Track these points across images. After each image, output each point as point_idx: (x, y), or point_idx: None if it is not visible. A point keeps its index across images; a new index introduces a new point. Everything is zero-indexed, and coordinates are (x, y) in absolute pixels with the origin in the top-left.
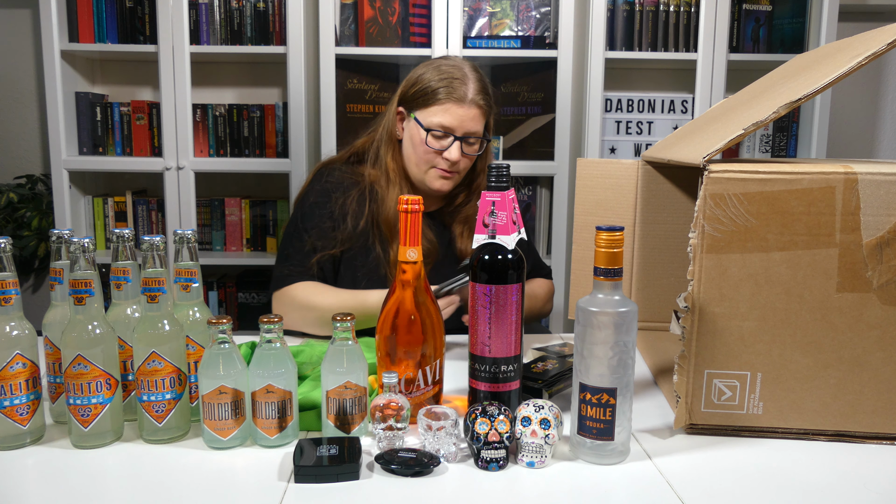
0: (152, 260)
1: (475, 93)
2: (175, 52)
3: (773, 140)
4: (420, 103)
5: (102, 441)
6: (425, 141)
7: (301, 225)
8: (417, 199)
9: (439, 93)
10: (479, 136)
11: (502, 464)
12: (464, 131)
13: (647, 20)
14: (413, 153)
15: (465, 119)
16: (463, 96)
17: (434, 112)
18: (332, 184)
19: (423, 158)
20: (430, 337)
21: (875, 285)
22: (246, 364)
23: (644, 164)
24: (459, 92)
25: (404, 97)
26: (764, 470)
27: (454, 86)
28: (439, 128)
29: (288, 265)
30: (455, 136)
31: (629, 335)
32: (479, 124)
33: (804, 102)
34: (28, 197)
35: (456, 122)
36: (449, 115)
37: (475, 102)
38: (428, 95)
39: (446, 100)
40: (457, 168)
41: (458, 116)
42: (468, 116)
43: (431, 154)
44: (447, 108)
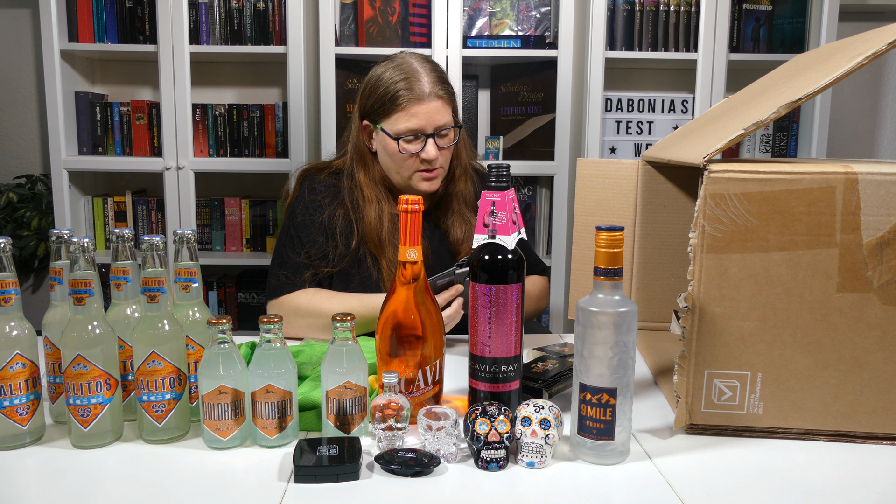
0: (152, 260)
1: (432, 84)
2: (175, 52)
3: (774, 140)
4: (382, 113)
5: (102, 441)
6: (399, 149)
7: (295, 234)
8: (417, 199)
9: (398, 98)
10: (449, 125)
11: (502, 464)
12: (433, 127)
13: (648, 20)
14: (392, 163)
15: (431, 114)
16: (421, 93)
17: (399, 119)
18: (319, 194)
19: (402, 165)
20: (430, 337)
21: (875, 285)
22: (246, 364)
23: (644, 164)
24: (416, 90)
25: (364, 110)
26: (764, 470)
27: (410, 85)
28: (408, 132)
29: (284, 272)
30: (426, 135)
31: (629, 335)
32: (446, 114)
33: (804, 102)
34: (28, 197)
35: (423, 121)
36: (414, 118)
37: (434, 94)
38: (387, 104)
39: (407, 103)
40: (437, 164)
41: (423, 115)
42: (433, 110)
43: (410, 159)
44: (410, 110)
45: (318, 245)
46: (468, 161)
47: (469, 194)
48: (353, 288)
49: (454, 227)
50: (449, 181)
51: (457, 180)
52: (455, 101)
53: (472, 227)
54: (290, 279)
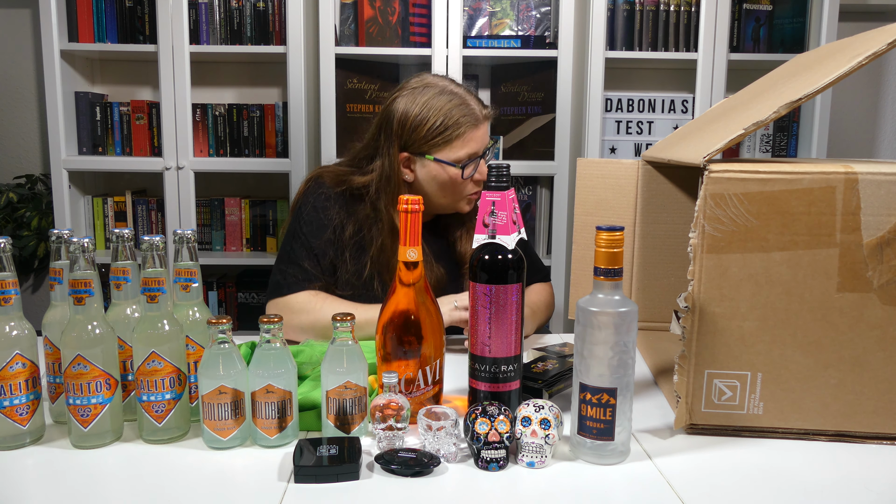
0: (152, 260)
1: (480, 106)
2: (175, 52)
3: (774, 140)
4: (439, 143)
5: (102, 441)
6: (462, 176)
7: (304, 238)
8: (417, 199)
9: (459, 126)
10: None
11: (502, 464)
12: (484, 147)
13: (648, 20)
14: (440, 190)
15: (485, 137)
16: (477, 118)
17: (459, 146)
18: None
19: (458, 191)
20: (430, 337)
21: (875, 285)
22: (246, 364)
23: (644, 163)
24: (473, 114)
25: (409, 142)
26: (764, 470)
27: (466, 111)
28: (468, 158)
29: (290, 273)
30: (481, 155)
31: (629, 335)
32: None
33: (804, 102)
34: (28, 197)
35: (479, 144)
36: (473, 143)
37: (485, 116)
38: (446, 133)
39: (466, 130)
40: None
41: (480, 139)
42: (485, 133)
43: (464, 185)
44: (469, 136)
45: (328, 257)
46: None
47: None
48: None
49: (463, 241)
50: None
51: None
52: None
53: None
54: (295, 279)
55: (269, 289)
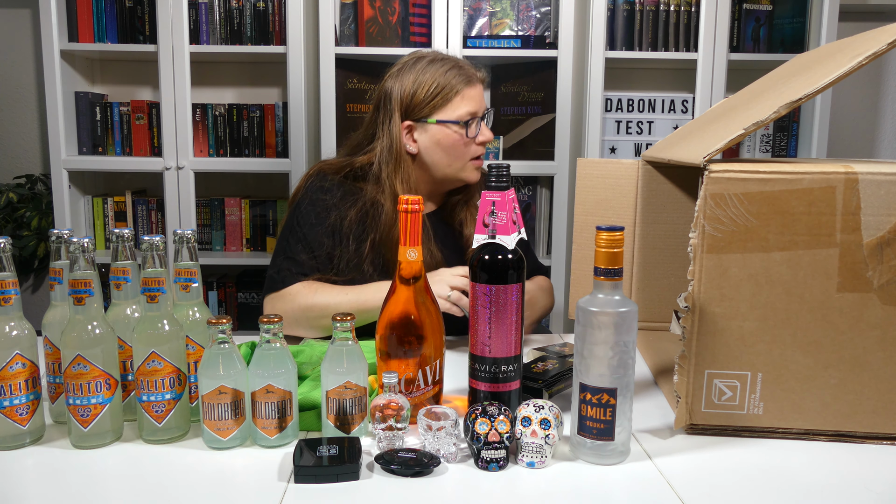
0: (152, 260)
1: (474, 69)
2: (175, 52)
3: (774, 140)
4: (438, 104)
5: (102, 441)
6: (466, 134)
7: (301, 232)
8: (417, 199)
9: (455, 85)
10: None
11: (502, 464)
12: (483, 109)
13: (648, 20)
14: (446, 156)
15: (481, 97)
16: (472, 76)
17: (458, 105)
18: (329, 194)
19: (460, 154)
20: (430, 337)
21: (875, 285)
22: (246, 364)
23: (644, 163)
24: (467, 74)
25: (409, 109)
26: (764, 470)
27: (460, 71)
28: (469, 115)
29: (284, 266)
30: (479, 118)
31: (629, 335)
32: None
33: (804, 102)
34: (28, 197)
35: (478, 103)
36: (471, 101)
37: (479, 78)
38: (443, 92)
39: (464, 87)
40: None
41: (477, 97)
42: (481, 93)
43: (467, 146)
44: (466, 93)
45: (325, 247)
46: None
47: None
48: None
49: (468, 224)
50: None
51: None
52: None
53: None
54: (289, 272)
55: (265, 285)
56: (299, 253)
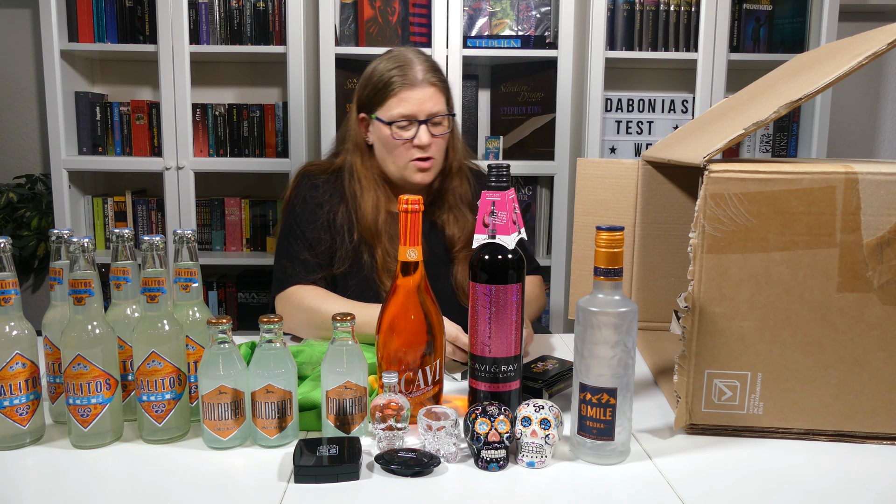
0: (152, 260)
1: (424, 72)
2: (175, 52)
3: (774, 140)
4: (377, 102)
5: (102, 441)
6: (392, 136)
7: (299, 230)
8: (417, 199)
9: (392, 84)
10: (442, 114)
11: (502, 464)
12: (426, 114)
13: (648, 20)
14: (386, 152)
15: (424, 101)
16: (414, 79)
17: (392, 105)
18: (319, 190)
19: (396, 154)
20: (430, 337)
21: (875, 285)
22: (246, 364)
23: (644, 163)
24: (409, 76)
25: (361, 102)
26: (764, 470)
27: (403, 72)
28: (401, 118)
29: (288, 266)
30: (419, 121)
31: (629, 335)
32: (440, 102)
33: (804, 102)
34: (28, 197)
35: (415, 106)
36: (406, 103)
37: (427, 81)
38: (381, 91)
39: (400, 89)
40: (431, 153)
41: (416, 101)
42: (425, 97)
43: (402, 147)
44: (402, 96)
45: (325, 243)
46: (463, 158)
47: (465, 192)
48: (352, 283)
49: (450, 224)
50: (444, 176)
51: (452, 176)
52: (449, 93)
53: (468, 224)
54: (296, 272)
55: (273, 285)
56: (301, 251)
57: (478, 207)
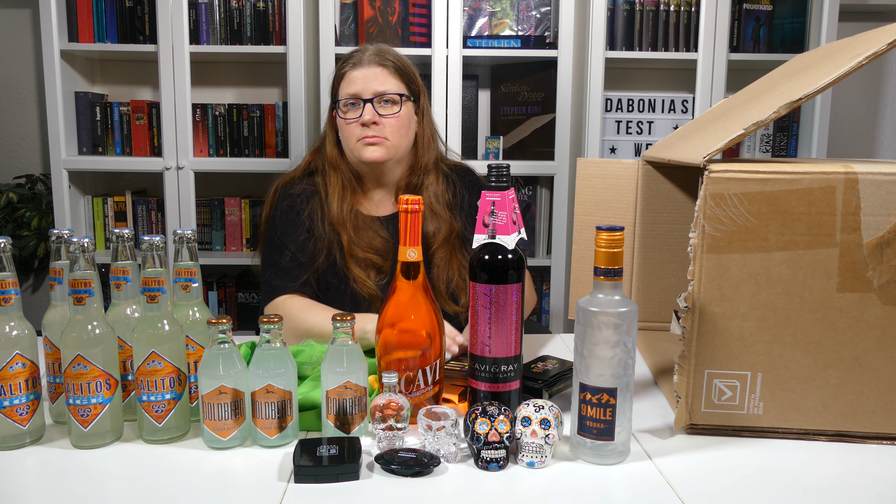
0: (152, 260)
1: (372, 54)
2: (175, 52)
3: (774, 140)
4: (335, 92)
5: (102, 441)
6: (340, 116)
7: (279, 239)
8: (417, 199)
9: (342, 68)
10: (391, 93)
11: (502, 464)
12: (371, 92)
13: (648, 20)
14: (342, 137)
15: (368, 79)
16: (359, 61)
17: (343, 88)
18: (295, 197)
19: (347, 135)
20: (430, 337)
21: (875, 285)
22: (246, 364)
23: (644, 163)
24: (355, 59)
25: (331, 98)
26: (764, 470)
27: (352, 56)
28: (347, 97)
29: (273, 276)
30: (363, 100)
31: (629, 335)
32: (388, 82)
33: (804, 102)
34: (28, 197)
35: (359, 85)
36: (352, 83)
37: (373, 62)
38: (336, 80)
39: (349, 71)
40: (379, 132)
41: (360, 79)
42: (370, 76)
43: (351, 126)
44: (349, 77)
45: (301, 242)
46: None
47: (442, 191)
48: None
49: (426, 220)
50: (419, 174)
51: (426, 173)
52: (407, 77)
53: (444, 223)
54: (280, 283)
55: (262, 294)
56: (282, 259)
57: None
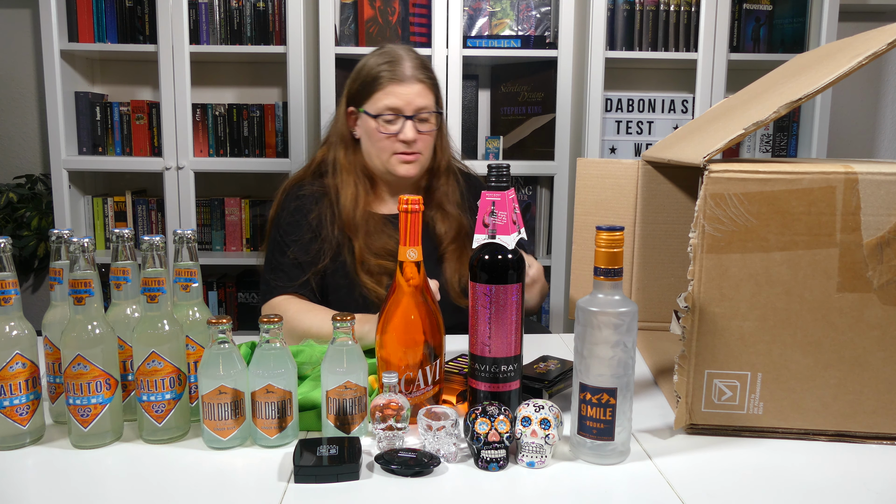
0: (152, 260)
1: (413, 69)
2: (175, 52)
3: (774, 140)
4: (365, 95)
5: (102, 441)
6: (377, 129)
7: (282, 240)
8: (417, 199)
9: (380, 78)
10: (429, 110)
11: (502, 464)
12: (413, 109)
13: (648, 20)
14: (371, 146)
15: (411, 96)
16: (402, 75)
17: (379, 98)
18: (304, 198)
19: (381, 147)
20: (430, 337)
21: (875, 285)
22: (246, 364)
23: (644, 163)
24: (398, 72)
25: (350, 95)
26: (764, 470)
27: (392, 67)
28: (388, 111)
29: (272, 277)
30: (405, 116)
31: (629, 335)
32: (427, 98)
33: (804, 102)
34: (28, 197)
35: (402, 101)
36: (393, 97)
37: (415, 78)
38: (369, 85)
39: (388, 83)
40: (416, 148)
41: (403, 95)
42: (413, 93)
43: (387, 140)
44: (389, 90)
45: (304, 242)
46: (451, 158)
47: (453, 192)
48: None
49: (438, 222)
50: (432, 176)
51: (440, 175)
52: (438, 91)
53: (455, 223)
54: (279, 283)
55: (261, 293)
56: (283, 260)
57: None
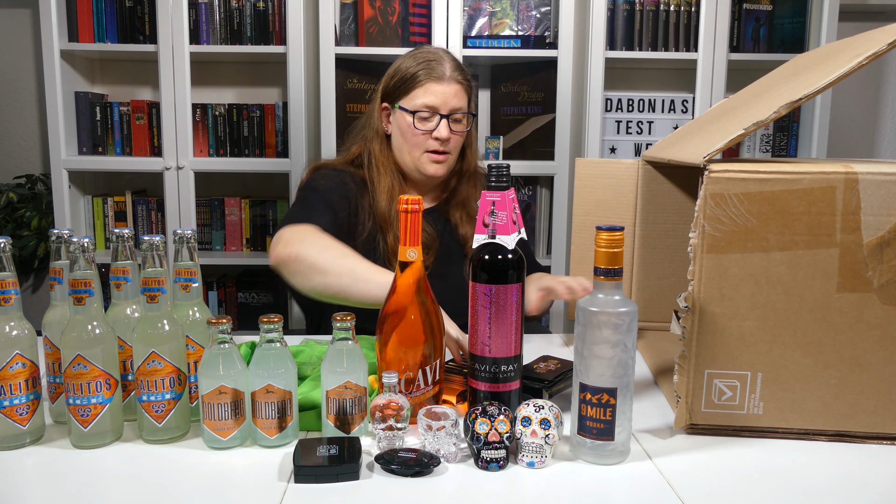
0: (152, 260)
1: (452, 70)
2: (175, 52)
3: (774, 140)
4: (402, 91)
5: (102, 441)
6: (413, 125)
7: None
8: (417, 199)
9: (419, 76)
10: (464, 111)
11: (502, 464)
12: (448, 108)
13: (648, 20)
14: (404, 142)
15: (448, 95)
16: (441, 74)
17: (417, 95)
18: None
19: (413, 144)
20: (430, 337)
21: (875, 285)
22: (246, 364)
23: (644, 163)
24: (437, 71)
25: (386, 91)
26: (764, 470)
27: (431, 66)
28: (424, 108)
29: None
30: (441, 115)
31: (629, 335)
32: (463, 100)
33: (804, 102)
34: (28, 197)
35: (439, 100)
36: (431, 95)
37: (454, 79)
38: (408, 81)
39: (426, 81)
40: (448, 147)
41: (440, 94)
42: (450, 93)
43: (421, 137)
44: (428, 87)
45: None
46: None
47: (475, 193)
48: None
49: (463, 223)
50: (461, 177)
51: (468, 177)
52: (472, 93)
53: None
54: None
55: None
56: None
57: None
